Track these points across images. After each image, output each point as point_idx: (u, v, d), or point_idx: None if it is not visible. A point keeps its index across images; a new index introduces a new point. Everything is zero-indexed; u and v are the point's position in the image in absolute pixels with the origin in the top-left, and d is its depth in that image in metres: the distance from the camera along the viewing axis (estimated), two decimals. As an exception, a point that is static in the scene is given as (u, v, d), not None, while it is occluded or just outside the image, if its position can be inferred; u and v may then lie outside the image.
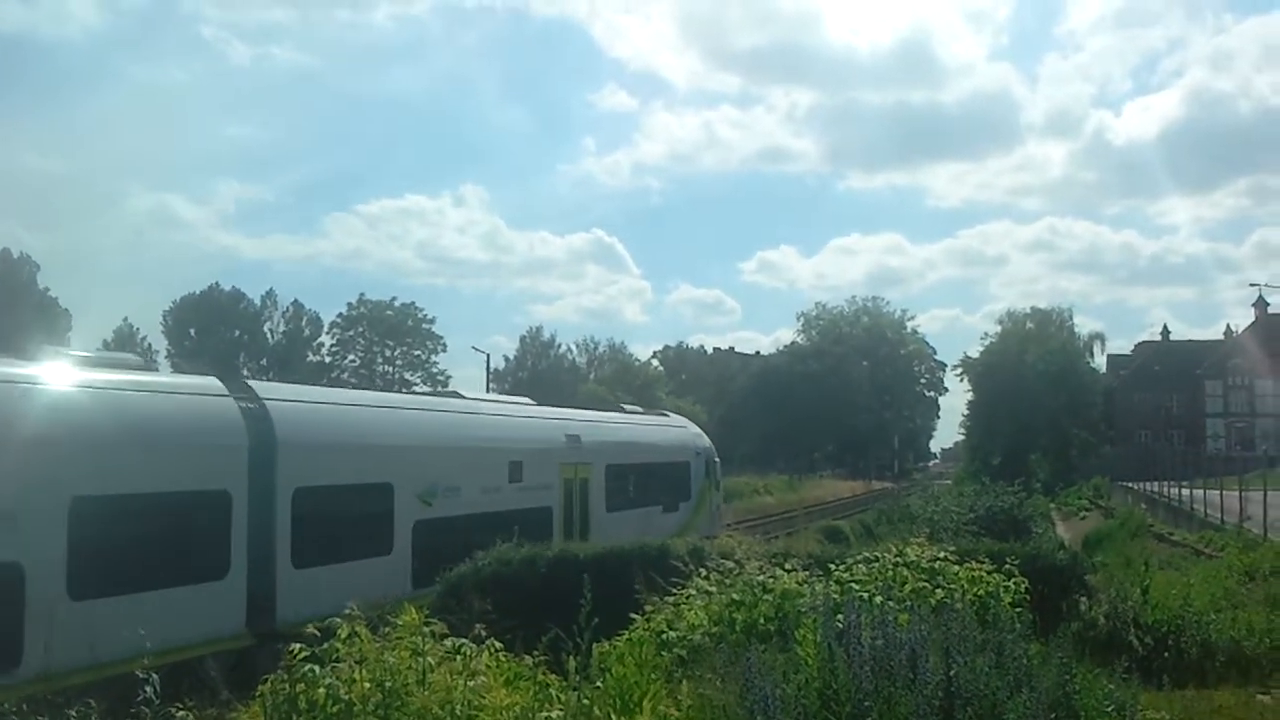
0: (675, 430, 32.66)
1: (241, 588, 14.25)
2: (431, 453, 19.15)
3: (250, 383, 16.74)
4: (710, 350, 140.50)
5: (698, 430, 34.13)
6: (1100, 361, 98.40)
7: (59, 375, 13.00)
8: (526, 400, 27.82)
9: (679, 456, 31.01)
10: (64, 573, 11.75)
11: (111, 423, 13.00)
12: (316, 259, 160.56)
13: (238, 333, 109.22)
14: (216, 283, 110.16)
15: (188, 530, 13.93)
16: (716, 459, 34.07)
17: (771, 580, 10.45)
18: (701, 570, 11.30)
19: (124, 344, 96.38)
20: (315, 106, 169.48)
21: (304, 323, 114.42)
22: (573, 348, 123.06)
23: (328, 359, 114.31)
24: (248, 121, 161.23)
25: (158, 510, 13.30)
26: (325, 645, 6.56)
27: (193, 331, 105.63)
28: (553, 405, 27.97)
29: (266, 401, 15.65)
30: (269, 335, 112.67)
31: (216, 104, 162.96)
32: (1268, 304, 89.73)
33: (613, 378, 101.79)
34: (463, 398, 23.67)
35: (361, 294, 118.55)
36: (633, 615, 9.80)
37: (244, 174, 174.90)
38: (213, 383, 15.54)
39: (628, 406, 33.84)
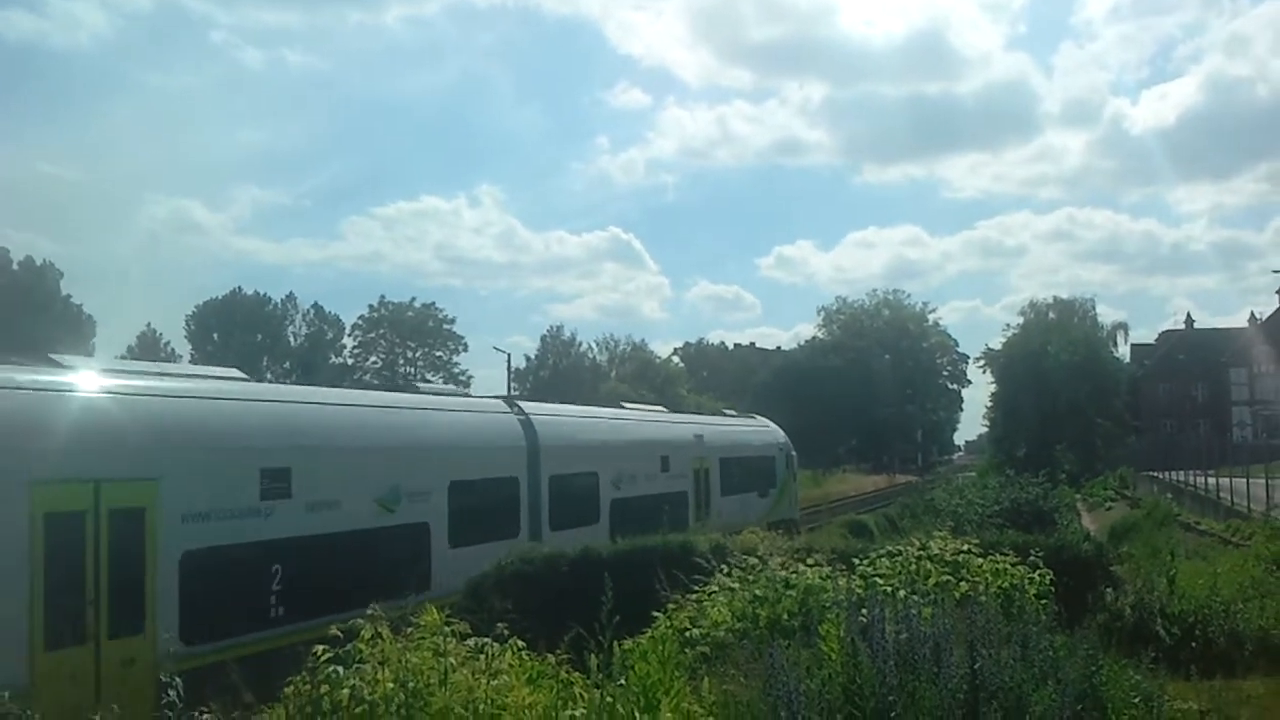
0: (762, 430, 38.51)
1: (525, 544, 18.86)
2: (619, 449, 25.52)
3: (519, 402, 23.39)
4: (731, 346, 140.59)
5: (778, 429, 39.27)
6: (1124, 351, 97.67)
7: (433, 403, 19.94)
8: (662, 409, 34.88)
9: (767, 452, 36.87)
10: (446, 530, 17.67)
11: (465, 433, 19.65)
12: (334, 262, 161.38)
13: (260, 336, 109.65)
14: (239, 287, 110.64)
15: (499, 504, 19.94)
16: (794, 453, 39.59)
17: (794, 576, 10.44)
18: (724, 567, 11.30)
19: (148, 349, 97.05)
20: (328, 110, 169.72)
21: (325, 325, 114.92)
22: (593, 346, 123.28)
23: (349, 361, 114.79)
24: (262, 126, 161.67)
25: (486, 491, 19.58)
26: (348, 646, 6.57)
27: (215, 336, 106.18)
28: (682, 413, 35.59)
29: (530, 415, 21.97)
30: (291, 338, 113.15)
31: (230, 109, 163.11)
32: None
33: (634, 375, 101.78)
34: (625, 408, 30.74)
35: (382, 296, 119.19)
36: (656, 613, 9.80)
37: (260, 178, 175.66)
38: (500, 404, 22.68)
39: (728, 411, 39.99)
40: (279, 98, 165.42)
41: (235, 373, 16.57)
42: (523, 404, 22.94)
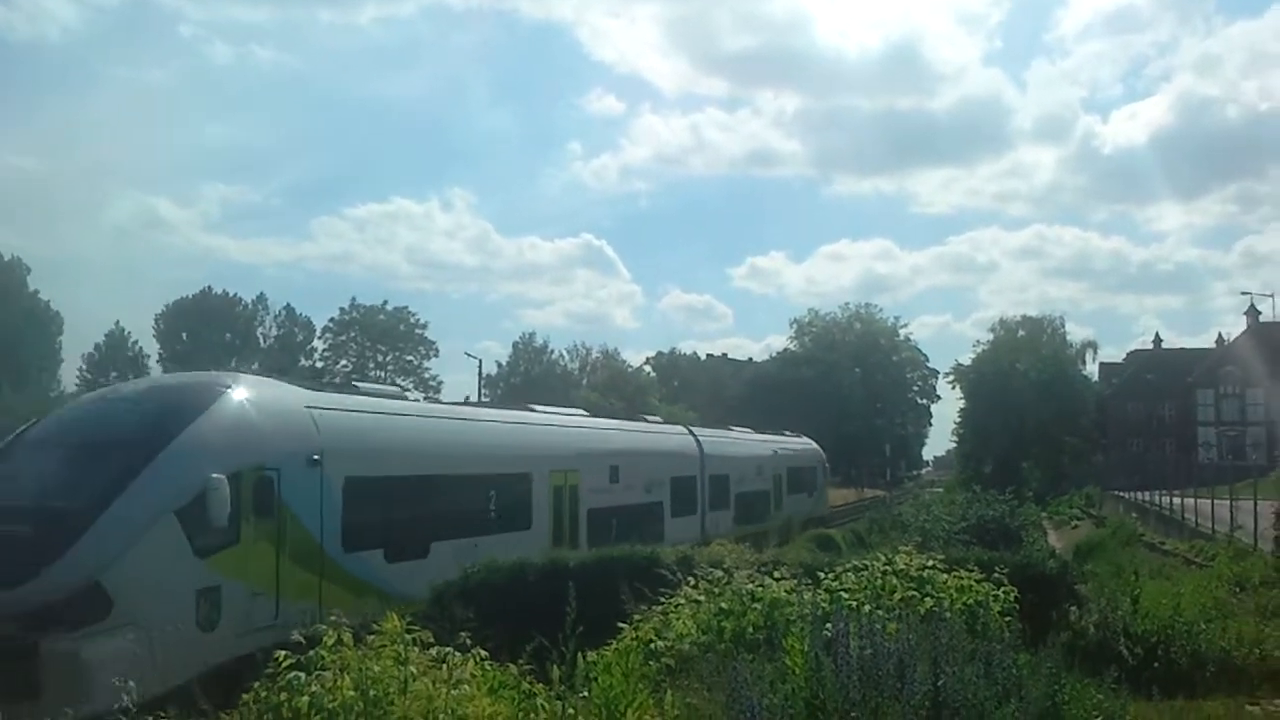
0: (808, 445, 51.21)
1: (699, 520, 31.36)
2: (739, 459, 37.32)
3: (689, 427, 36.57)
4: (703, 356, 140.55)
5: (818, 447, 52.74)
6: (1092, 370, 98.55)
7: (657, 428, 33.95)
8: (751, 429, 45.56)
9: (810, 463, 49.56)
10: (670, 507, 29.52)
11: (673, 446, 32.26)
12: (303, 262, 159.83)
13: (229, 336, 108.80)
14: (209, 286, 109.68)
15: (688, 492, 31.49)
16: (827, 465, 53.80)
17: (760, 589, 10.42)
18: (690, 579, 11.27)
19: (116, 347, 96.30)
20: (299, 108, 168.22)
21: (296, 327, 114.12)
22: (565, 354, 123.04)
23: (319, 363, 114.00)
24: (231, 123, 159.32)
25: (684, 484, 31.27)
26: (310, 653, 6.50)
27: (184, 335, 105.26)
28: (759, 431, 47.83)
29: (698, 435, 34.61)
30: (261, 339, 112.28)
31: (198, 104, 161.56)
32: (1259, 312, 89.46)
33: (605, 384, 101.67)
34: (732, 430, 42.97)
35: (353, 298, 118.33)
36: (621, 624, 9.76)
37: (229, 176, 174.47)
38: (681, 428, 35.52)
39: (786, 432, 50.09)
40: (249, 94, 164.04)
41: (582, 411, 30.44)
42: (691, 428, 36.03)
